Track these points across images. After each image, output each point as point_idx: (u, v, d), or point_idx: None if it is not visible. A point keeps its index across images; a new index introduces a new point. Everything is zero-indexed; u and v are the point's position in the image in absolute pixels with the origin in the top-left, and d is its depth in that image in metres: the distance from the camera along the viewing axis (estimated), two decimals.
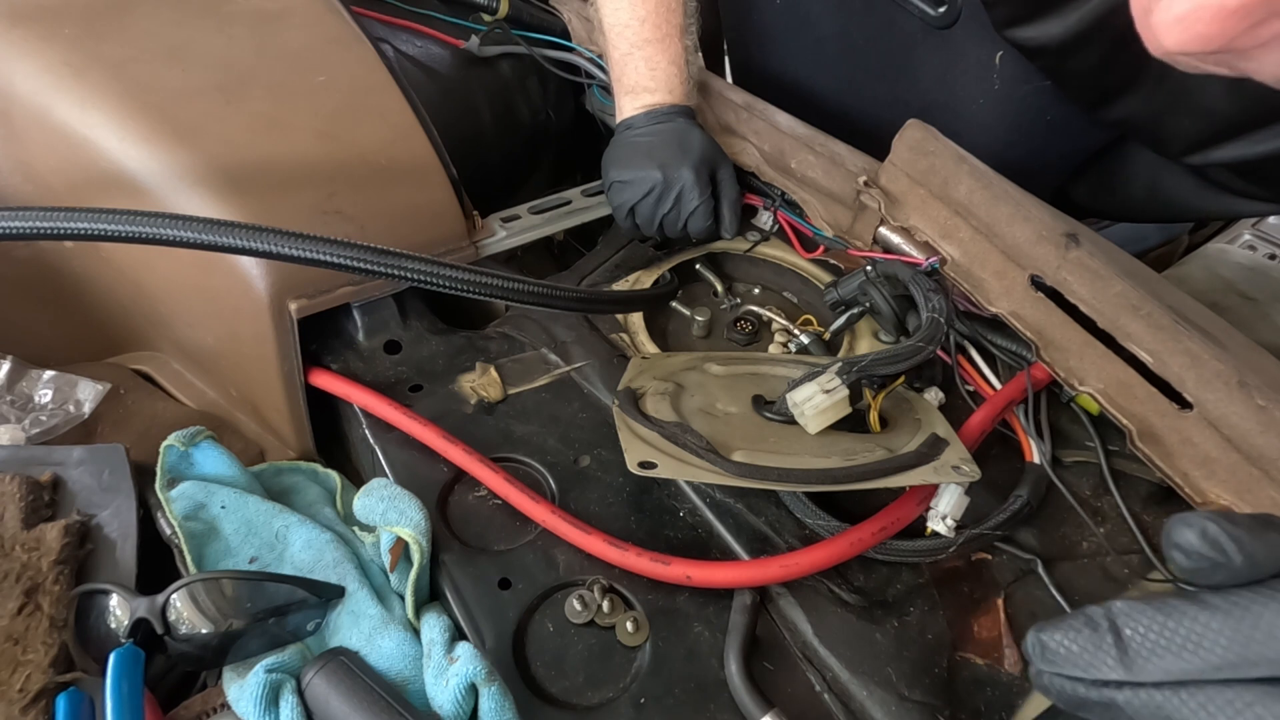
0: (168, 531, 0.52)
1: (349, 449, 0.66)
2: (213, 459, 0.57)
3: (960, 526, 0.57)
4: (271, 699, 0.44)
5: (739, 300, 0.82)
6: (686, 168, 0.74)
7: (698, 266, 0.84)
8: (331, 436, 0.67)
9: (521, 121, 0.98)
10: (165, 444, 0.56)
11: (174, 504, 0.53)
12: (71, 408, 0.64)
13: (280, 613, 0.48)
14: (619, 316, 0.75)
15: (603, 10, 0.79)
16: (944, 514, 0.56)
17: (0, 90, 0.64)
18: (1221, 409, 0.54)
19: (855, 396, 0.56)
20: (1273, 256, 1.14)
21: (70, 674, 0.44)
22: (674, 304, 0.80)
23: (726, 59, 1.20)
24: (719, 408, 0.60)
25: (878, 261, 0.69)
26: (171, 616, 0.44)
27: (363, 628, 0.49)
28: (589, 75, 0.94)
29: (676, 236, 0.78)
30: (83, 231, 0.49)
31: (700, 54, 0.83)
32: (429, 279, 0.55)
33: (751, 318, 0.79)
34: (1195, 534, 0.30)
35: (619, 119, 0.80)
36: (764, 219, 0.83)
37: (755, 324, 0.78)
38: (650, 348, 0.73)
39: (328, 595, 0.50)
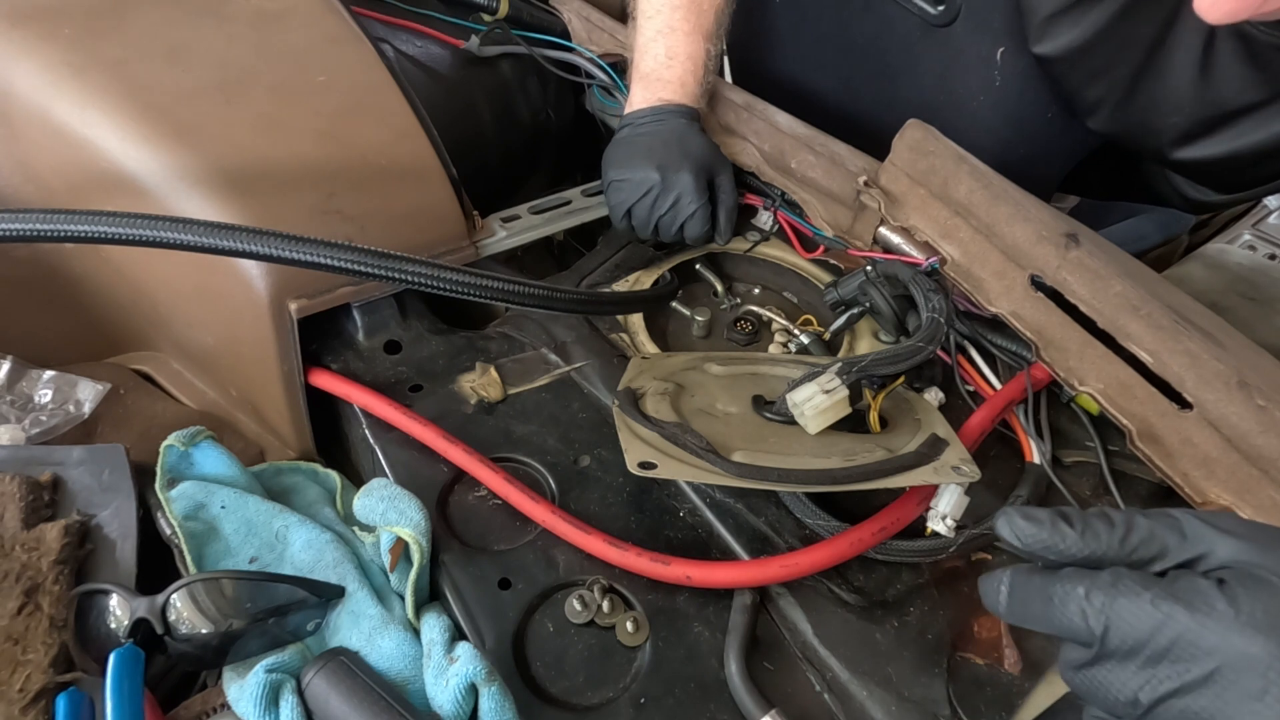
0: (168, 531, 0.52)
1: (349, 449, 0.66)
2: (213, 459, 0.57)
3: (960, 526, 0.56)
4: (271, 699, 0.44)
5: (739, 300, 0.82)
6: (686, 171, 0.74)
7: (698, 266, 0.83)
8: (331, 436, 0.67)
9: (521, 121, 0.98)
10: (165, 444, 0.56)
11: (174, 504, 0.53)
12: (71, 408, 0.64)
13: (280, 613, 0.48)
14: (619, 317, 0.75)
15: None
16: (944, 514, 0.56)
17: (0, 90, 0.64)
18: (1221, 409, 0.54)
19: (855, 397, 0.56)
20: (1273, 256, 1.14)
21: (70, 674, 0.44)
22: (674, 304, 0.80)
23: (726, 59, 1.19)
24: (719, 408, 0.60)
25: (878, 261, 0.69)
26: (171, 616, 0.44)
27: (363, 628, 0.49)
28: (589, 75, 0.94)
29: (671, 240, 0.78)
30: (82, 234, 0.49)
31: (717, 61, 0.84)
32: (428, 282, 0.55)
33: (751, 318, 0.79)
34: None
35: (627, 110, 0.80)
36: (764, 219, 0.83)
37: (755, 324, 0.78)
38: (650, 348, 0.73)
39: (328, 595, 0.50)
